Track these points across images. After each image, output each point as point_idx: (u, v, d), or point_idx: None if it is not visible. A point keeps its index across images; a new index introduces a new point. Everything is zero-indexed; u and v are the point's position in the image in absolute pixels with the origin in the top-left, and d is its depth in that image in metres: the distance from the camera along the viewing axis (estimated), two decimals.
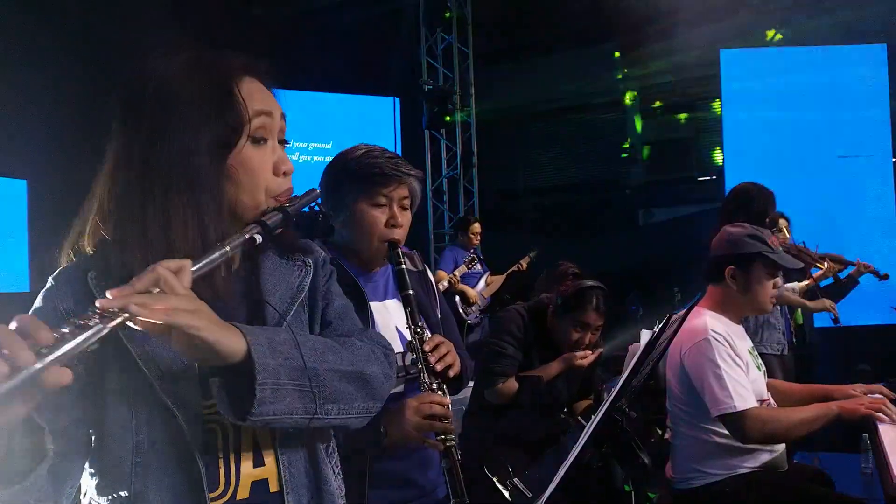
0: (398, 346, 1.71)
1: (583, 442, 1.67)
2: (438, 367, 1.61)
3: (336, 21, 8.05)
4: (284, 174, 1.01)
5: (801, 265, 4.17)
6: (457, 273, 5.21)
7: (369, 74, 7.95)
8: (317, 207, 0.97)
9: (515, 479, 2.49)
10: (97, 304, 0.77)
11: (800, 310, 4.20)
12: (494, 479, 2.59)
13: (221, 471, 0.99)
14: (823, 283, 4.54)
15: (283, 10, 8.02)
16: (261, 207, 0.99)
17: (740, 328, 2.45)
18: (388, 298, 1.79)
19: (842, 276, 4.59)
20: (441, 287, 5.15)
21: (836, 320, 4.34)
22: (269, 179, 1.00)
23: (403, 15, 7.83)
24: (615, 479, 2.40)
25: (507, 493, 2.49)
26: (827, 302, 4.32)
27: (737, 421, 2.16)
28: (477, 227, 5.78)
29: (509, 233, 7.80)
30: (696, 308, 2.44)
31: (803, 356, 4.27)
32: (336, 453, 1.14)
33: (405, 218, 1.73)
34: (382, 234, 1.70)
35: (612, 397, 1.71)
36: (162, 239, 0.92)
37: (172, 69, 0.97)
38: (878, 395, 2.36)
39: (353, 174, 1.70)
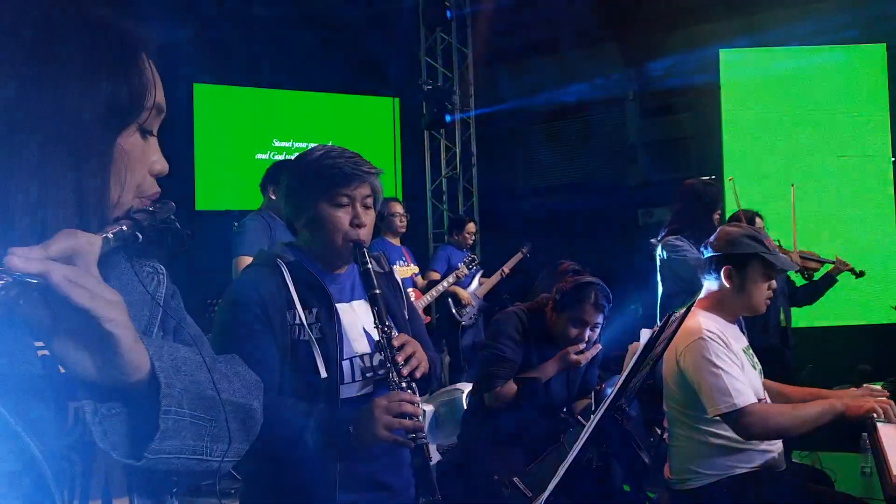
0: (366, 348, 1.72)
1: (583, 442, 1.67)
2: (405, 371, 1.61)
3: (336, 21, 8.05)
4: (157, 175, 0.85)
5: (797, 267, 4.19)
6: (458, 275, 5.19)
7: (369, 74, 7.95)
8: (173, 218, 0.85)
9: (515, 479, 2.49)
10: (5, 262, 0.62)
11: (782, 311, 4.19)
12: (495, 479, 2.60)
13: None
14: (800, 283, 4.54)
15: (283, 10, 8.02)
16: (127, 205, 0.81)
17: (735, 328, 2.46)
18: (354, 299, 1.78)
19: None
20: (443, 286, 5.13)
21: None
22: (144, 176, 0.83)
23: (403, 15, 7.83)
24: (615, 479, 2.41)
25: (507, 493, 2.50)
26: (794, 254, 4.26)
27: (739, 418, 2.16)
28: (472, 226, 5.77)
29: (509, 233, 7.79)
30: (691, 308, 2.45)
31: (789, 357, 4.27)
32: None
33: (368, 217, 1.73)
34: (346, 234, 1.70)
35: (612, 397, 1.71)
36: (30, 211, 0.72)
37: (73, 4, 0.78)
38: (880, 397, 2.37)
39: (313, 176, 1.70)
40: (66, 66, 0.74)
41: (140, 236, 0.78)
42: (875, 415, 2.19)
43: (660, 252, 3.66)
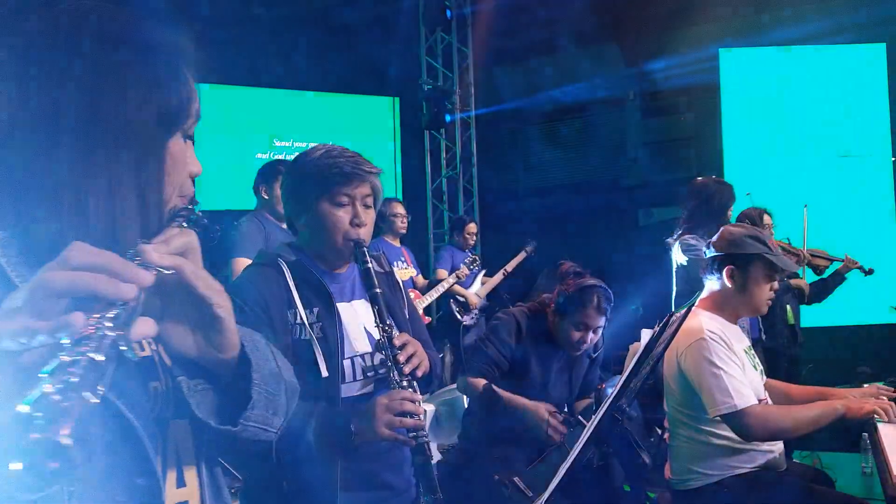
0: (367, 347, 1.72)
1: (583, 442, 1.67)
2: (406, 369, 1.62)
3: (336, 21, 8.05)
4: (194, 176, 0.91)
5: (799, 269, 4.20)
6: (459, 274, 5.20)
7: (369, 74, 7.95)
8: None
9: (515, 479, 2.49)
10: (145, 257, 0.69)
11: (790, 309, 4.20)
12: (495, 479, 2.60)
13: None
14: (810, 280, 4.56)
15: (283, 10, 8.02)
16: (172, 203, 0.86)
17: (736, 328, 2.45)
18: (355, 299, 1.79)
19: (827, 272, 4.59)
20: (443, 286, 5.14)
21: (808, 302, 4.38)
22: (185, 177, 0.89)
23: (403, 15, 7.83)
24: (615, 479, 2.41)
25: (507, 493, 2.50)
26: (801, 281, 4.33)
27: (739, 419, 2.16)
28: (473, 226, 5.78)
29: (509, 233, 7.79)
30: (692, 308, 2.44)
31: (796, 356, 4.28)
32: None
33: (368, 216, 1.74)
34: (347, 234, 1.70)
35: (612, 397, 1.71)
36: (101, 207, 0.77)
37: (121, 14, 0.83)
38: (881, 396, 2.37)
39: (314, 175, 1.70)
40: (124, 77, 0.79)
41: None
42: (876, 416, 2.19)
43: (675, 251, 3.65)
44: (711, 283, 2.45)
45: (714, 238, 2.47)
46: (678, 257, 3.62)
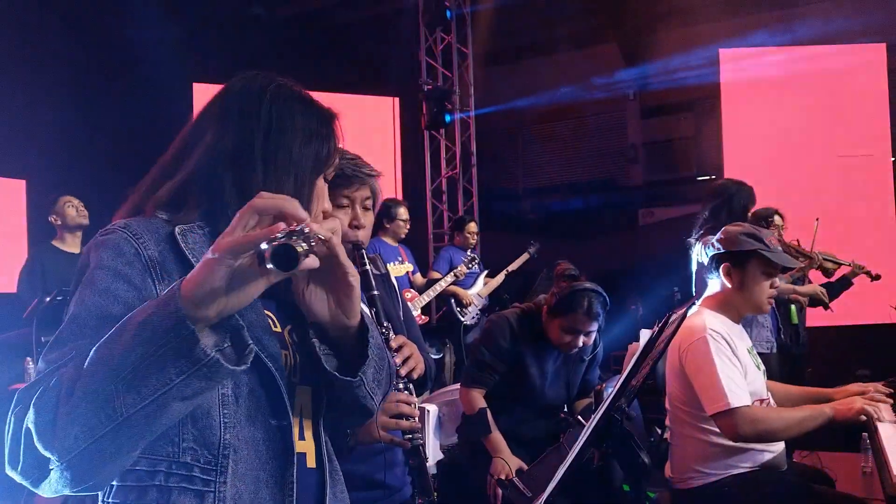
0: None
1: (583, 442, 1.67)
2: (402, 372, 1.62)
3: (336, 21, 8.05)
4: (325, 212, 1.14)
5: (800, 265, 4.20)
6: (457, 274, 5.20)
7: (369, 74, 7.95)
8: None
9: (515, 479, 2.49)
10: (309, 227, 0.87)
11: (794, 309, 4.20)
12: (493, 479, 2.60)
13: None
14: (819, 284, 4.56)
15: (283, 10, 8.03)
16: None
17: (740, 328, 2.45)
18: None
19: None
20: (440, 286, 5.14)
21: (827, 306, 4.37)
22: (319, 212, 1.12)
23: (403, 15, 7.83)
24: (615, 479, 2.41)
25: (506, 493, 2.50)
26: (818, 287, 4.34)
27: (728, 419, 2.16)
28: (473, 226, 5.78)
29: (509, 233, 7.80)
30: (697, 307, 2.44)
31: (798, 356, 4.28)
32: None
33: (367, 219, 1.74)
34: (345, 235, 1.69)
35: (611, 397, 1.71)
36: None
37: (289, 82, 1.12)
38: (879, 397, 2.37)
39: None
40: (294, 130, 1.07)
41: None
42: (864, 416, 2.18)
43: (697, 251, 3.64)
44: (714, 283, 2.45)
45: (713, 238, 2.47)
46: (699, 257, 3.61)
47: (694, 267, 3.70)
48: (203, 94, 6.84)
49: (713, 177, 8.19)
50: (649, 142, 9.41)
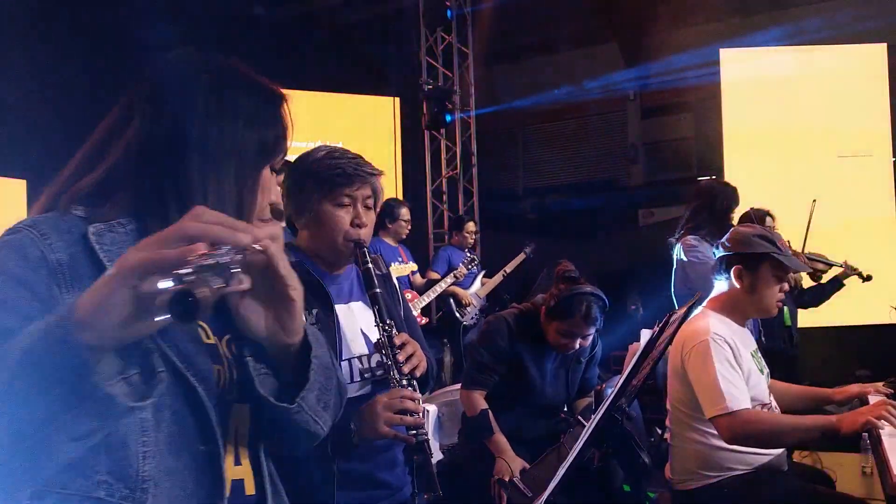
0: (363, 349, 1.74)
1: (583, 442, 1.67)
2: (406, 369, 1.62)
3: (336, 21, 8.05)
4: (272, 203, 1.04)
5: (810, 269, 4.18)
6: (456, 275, 5.20)
7: (369, 74, 7.95)
8: None
9: (515, 479, 2.49)
10: (242, 232, 0.77)
11: (788, 311, 4.18)
12: (494, 479, 2.60)
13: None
14: (808, 286, 4.55)
15: (283, 10, 8.02)
16: (254, 220, 0.99)
17: (745, 331, 2.44)
18: (352, 300, 1.80)
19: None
20: (440, 287, 5.14)
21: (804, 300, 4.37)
22: (266, 203, 1.02)
23: (404, 15, 7.83)
24: (615, 479, 2.41)
25: (506, 493, 2.50)
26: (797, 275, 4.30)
27: (725, 422, 2.15)
28: (471, 226, 5.78)
29: (509, 233, 7.79)
30: (701, 309, 2.43)
31: (791, 357, 4.27)
32: None
33: (369, 218, 1.75)
34: (347, 234, 1.71)
35: (612, 397, 1.71)
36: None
37: (231, 63, 1.00)
38: (879, 396, 2.36)
39: (316, 175, 1.71)
40: (235, 114, 0.96)
41: None
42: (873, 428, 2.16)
43: (677, 251, 3.64)
44: (720, 284, 2.43)
45: (724, 238, 2.46)
46: (679, 256, 3.62)
47: (674, 266, 3.70)
48: None
49: (713, 177, 8.20)
50: (649, 142, 9.40)
